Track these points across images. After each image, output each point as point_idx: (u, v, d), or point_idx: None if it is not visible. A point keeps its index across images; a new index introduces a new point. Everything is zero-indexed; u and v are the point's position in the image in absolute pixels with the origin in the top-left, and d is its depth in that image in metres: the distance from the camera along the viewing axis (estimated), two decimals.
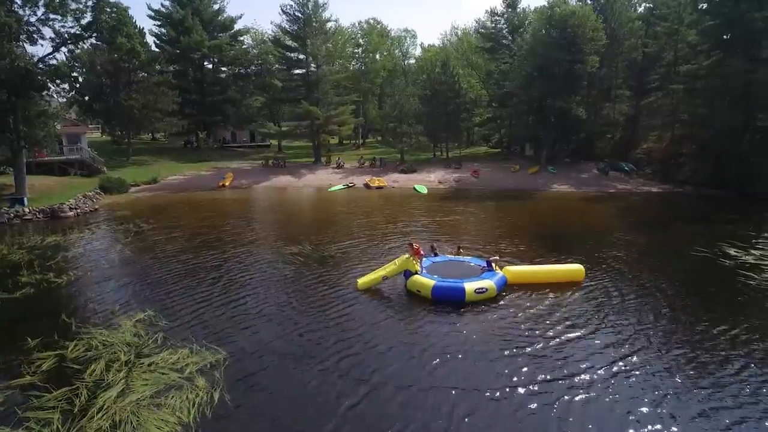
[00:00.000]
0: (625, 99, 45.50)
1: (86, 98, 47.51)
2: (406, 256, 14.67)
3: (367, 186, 38.35)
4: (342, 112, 46.53)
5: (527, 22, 51.69)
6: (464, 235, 22.35)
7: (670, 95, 39.41)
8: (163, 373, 10.07)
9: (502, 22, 52.79)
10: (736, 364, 10.48)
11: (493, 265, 14.80)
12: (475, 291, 13.30)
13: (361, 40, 64.67)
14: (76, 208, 27.87)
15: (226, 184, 37.55)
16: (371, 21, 68.71)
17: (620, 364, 10.50)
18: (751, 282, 15.79)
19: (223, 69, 58.62)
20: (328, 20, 45.78)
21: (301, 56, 45.48)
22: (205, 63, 56.01)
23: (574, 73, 39.49)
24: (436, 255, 16.89)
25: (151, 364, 10.46)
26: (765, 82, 30.89)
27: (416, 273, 14.25)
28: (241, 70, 58.15)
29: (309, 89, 44.92)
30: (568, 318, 12.86)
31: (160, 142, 64.96)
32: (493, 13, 53.16)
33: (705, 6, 36.97)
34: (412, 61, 78.20)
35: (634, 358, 10.74)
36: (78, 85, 43.63)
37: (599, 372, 10.18)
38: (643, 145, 42.93)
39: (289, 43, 45.92)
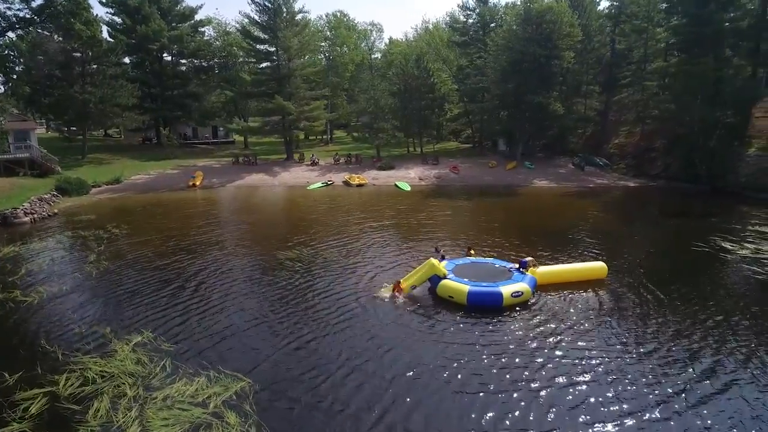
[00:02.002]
0: (595, 95, 46.39)
1: (28, 90, 43.28)
2: (433, 260, 13.78)
3: (346, 183, 37.12)
4: (315, 107, 44.93)
5: (498, 16, 51.84)
6: (463, 233, 21.67)
7: (641, 92, 40.41)
8: (183, 410, 8.70)
9: (474, 16, 52.65)
10: None
11: (530, 266, 14.16)
12: (511, 295, 12.68)
13: (328, 33, 62.91)
14: (32, 213, 25.10)
15: (197, 183, 35.25)
16: (338, 14, 67.04)
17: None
18: (759, 276, 15.99)
19: (183, 62, 55.40)
20: (300, 11, 43.94)
21: (271, 49, 43.38)
22: (164, 55, 52.68)
23: (551, 68, 39.72)
24: (443, 258, 16.13)
25: (166, 398, 9.04)
26: (733, 80, 32.12)
27: (444, 277, 13.40)
28: (203, 63, 55.13)
29: (280, 83, 42.98)
30: (600, 320, 12.41)
31: (114, 138, 60.81)
32: (464, 7, 52.93)
33: (673, 5, 38.19)
34: (378, 55, 77.35)
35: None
36: (15, 76, 39.87)
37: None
38: (614, 141, 43.94)
39: (259, 34, 43.69)
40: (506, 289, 12.66)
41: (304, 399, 9.12)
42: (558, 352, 10.84)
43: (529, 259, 14.48)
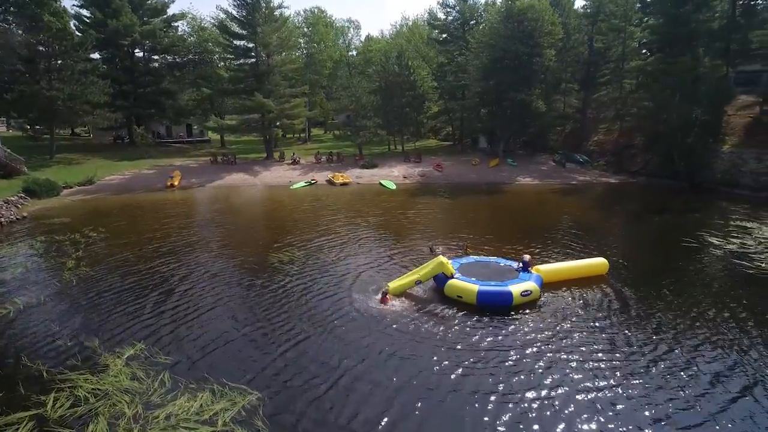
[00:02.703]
0: (574, 92, 47.05)
1: None
2: (441, 258, 13.47)
3: (330, 182, 36.47)
4: (296, 105, 44.04)
5: (477, 14, 51.94)
6: (455, 232, 21.39)
7: (620, 90, 41.13)
8: (189, 428, 8.11)
9: (454, 13, 52.63)
10: None
11: (530, 265, 14.05)
12: (521, 294, 12.56)
13: (306, 29, 61.87)
14: None
15: (175, 183, 33.96)
16: (315, 10, 66.02)
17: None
18: (749, 270, 16.29)
19: (156, 58, 53.42)
20: (279, 6, 42.92)
21: (250, 45, 42.23)
22: (136, 50, 50.69)
23: (532, 66, 39.98)
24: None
25: (169, 416, 8.42)
26: (709, 78, 32.99)
27: (451, 276, 13.12)
28: (177, 59, 53.30)
29: (259, 80, 41.89)
30: (609, 318, 12.34)
31: (82, 137, 58.28)
32: (444, 4, 52.82)
33: (648, 5, 39.03)
34: (354, 53, 76.68)
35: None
36: None
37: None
38: (593, 138, 44.64)
39: (237, 30, 42.45)
40: (516, 289, 12.49)
41: (313, 414, 8.64)
42: (569, 355, 10.67)
43: (527, 257, 14.36)
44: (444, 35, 55.23)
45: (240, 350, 10.93)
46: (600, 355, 10.67)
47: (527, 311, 12.72)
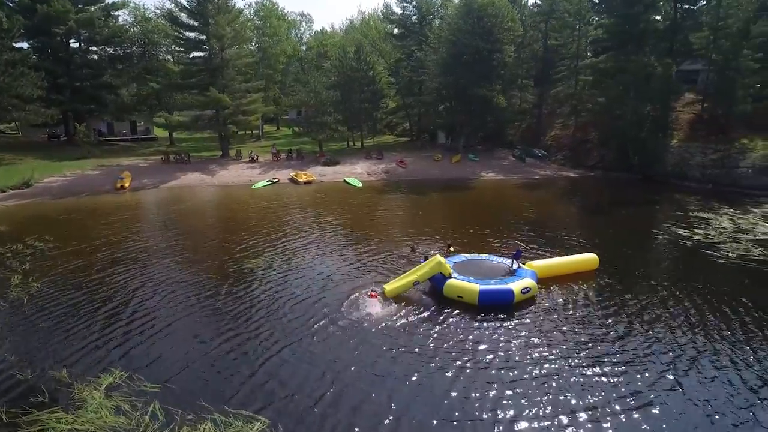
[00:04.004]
0: (530, 88, 48.15)
1: None
2: (439, 258, 13.03)
3: (293, 181, 35.16)
4: (253, 101, 42.11)
5: (435, 9, 51.92)
6: (432, 230, 21.04)
7: (575, 86, 42.46)
8: None
9: (411, 8, 52.31)
10: None
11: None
12: (521, 291, 12.50)
13: (258, 22, 59.47)
14: None
15: (126, 185, 31.39)
16: (266, 2, 63.59)
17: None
18: (720, 261, 17.05)
19: (94, 49, 49.36)
20: None
21: (202, 37, 39.83)
22: (72, 40, 46.56)
23: (492, 61, 40.40)
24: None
25: None
26: (660, 75, 34.65)
27: (449, 276, 12.74)
28: (119, 51, 49.53)
29: (213, 75, 39.65)
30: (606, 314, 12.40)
31: (10, 135, 53.02)
32: None
33: (599, 4, 40.51)
34: (304, 48, 74.91)
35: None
36: None
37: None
38: (550, 133, 45.89)
39: (187, 21, 39.89)
40: (516, 286, 12.36)
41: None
42: (570, 351, 10.55)
43: (520, 248, 14.40)
44: (401, 30, 54.83)
45: (230, 368, 9.99)
46: (600, 350, 10.63)
47: (526, 310, 12.58)
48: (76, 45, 47.38)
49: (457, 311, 12.52)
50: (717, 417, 8.49)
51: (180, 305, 13.16)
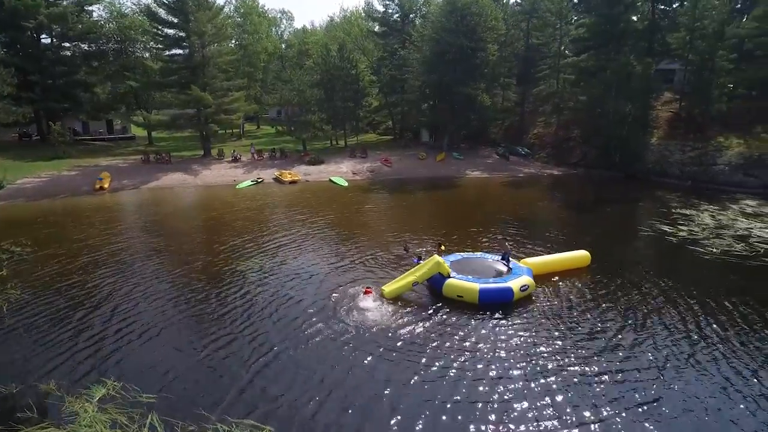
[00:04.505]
0: (512, 87, 48.55)
1: None
2: (437, 258, 12.98)
3: (278, 180, 34.67)
4: (235, 99, 41.36)
5: (417, 7, 51.87)
6: (421, 229, 20.99)
7: (557, 84, 42.95)
8: None
9: (393, 6, 52.15)
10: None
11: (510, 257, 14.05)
12: (520, 289, 12.62)
13: (238, 19, 58.45)
14: None
15: (105, 186, 30.42)
16: (247, 0, 62.53)
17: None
18: (706, 257, 17.43)
19: (67, 45, 47.73)
20: None
21: (182, 33, 38.87)
22: (43, 36, 44.92)
23: (476, 60, 40.57)
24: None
25: None
26: (640, 74, 35.33)
27: (448, 276, 12.72)
28: (93, 47, 48.02)
29: (194, 73, 38.76)
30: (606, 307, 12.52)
31: None
32: None
33: (579, 4, 41.07)
34: (284, 45, 74.10)
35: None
36: None
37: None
38: (533, 131, 46.36)
39: (167, 17, 38.88)
40: (515, 284, 12.49)
41: None
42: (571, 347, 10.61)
43: (508, 250, 14.49)
44: (383, 28, 54.63)
45: (227, 374, 9.73)
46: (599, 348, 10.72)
47: (523, 308, 12.61)
48: (48, 41, 45.79)
49: (455, 311, 12.48)
50: (717, 415, 8.61)
51: (169, 310, 12.80)
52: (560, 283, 14.27)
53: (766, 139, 32.26)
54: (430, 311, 12.55)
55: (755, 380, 9.57)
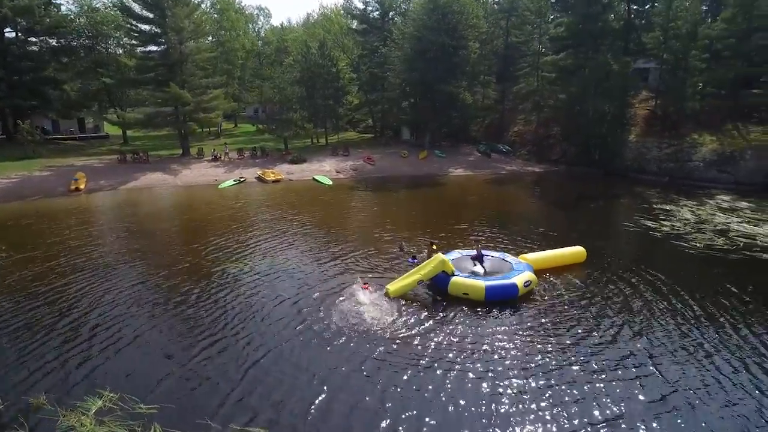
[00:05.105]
0: (492, 84, 49.00)
1: None
2: (441, 256, 12.97)
3: (261, 180, 34.12)
4: (215, 97, 40.49)
5: (397, 4, 51.78)
6: (411, 228, 20.91)
7: (537, 82, 43.54)
8: None
9: (373, 3, 51.92)
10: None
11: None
12: (524, 285, 12.75)
13: (215, 15, 57.26)
14: None
15: (81, 187, 29.33)
16: None
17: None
18: (690, 251, 17.91)
19: (34, 40, 45.83)
20: None
21: (158, 30, 37.77)
22: (7, 30, 43.02)
23: (458, 58, 40.75)
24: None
25: None
26: (618, 73, 36.12)
27: (452, 274, 12.79)
28: (63, 42, 46.24)
29: (172, 70, 37.74)
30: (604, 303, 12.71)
31: None
32: None
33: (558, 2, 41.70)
34: (260, 43, 73.08)
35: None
36: None
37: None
38: (513, 129, 46.90)
39: (142, 12, 37.72)
40: (519, 281, 12.68)
41: None
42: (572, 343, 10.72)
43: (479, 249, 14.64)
44: (362, 25, 54.34)
45: (228, 380, 9.42)
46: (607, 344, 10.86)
47: (521, 306, 12.69)
48: (13, 35, 43.89)
49: (451, 307, 12.45)
50: (718, 412, 8.78)
51: (157, 314, 12.40)
52: (558, 279, 14.44)
53: (737, 136, 33.43)
54: (427, 309, 12.49)
55: (758, 370, 9.82)
